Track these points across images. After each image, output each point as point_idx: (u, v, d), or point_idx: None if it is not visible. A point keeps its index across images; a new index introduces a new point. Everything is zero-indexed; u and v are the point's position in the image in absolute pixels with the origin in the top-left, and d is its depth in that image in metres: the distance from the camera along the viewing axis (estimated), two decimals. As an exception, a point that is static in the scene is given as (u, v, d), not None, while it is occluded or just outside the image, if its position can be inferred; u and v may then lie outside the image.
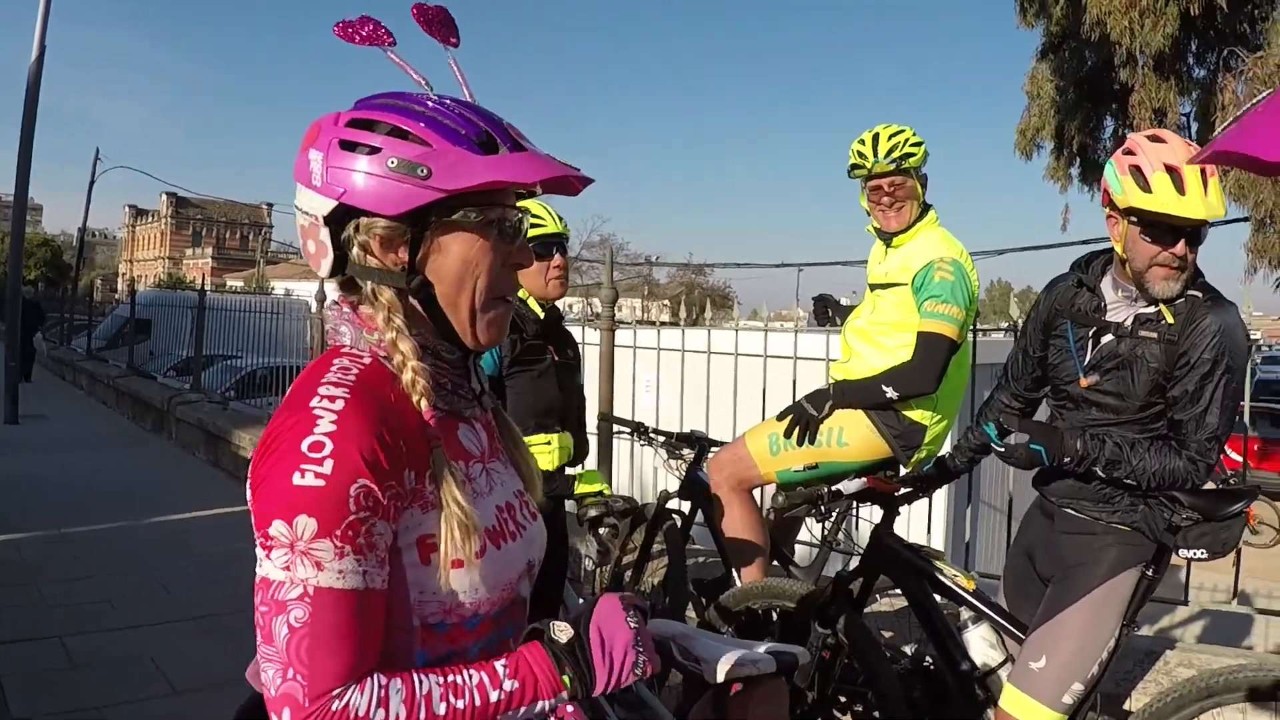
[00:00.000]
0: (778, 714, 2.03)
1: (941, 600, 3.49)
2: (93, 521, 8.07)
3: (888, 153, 3.92)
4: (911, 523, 4.99)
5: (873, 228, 4.17)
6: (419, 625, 1.49)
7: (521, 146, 1.51)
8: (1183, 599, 4.56)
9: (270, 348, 12.69)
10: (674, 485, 4.64)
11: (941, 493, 5.04)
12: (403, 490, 1.43)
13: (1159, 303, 2.94)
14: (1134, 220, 2.90)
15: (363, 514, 1.37)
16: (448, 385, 1.58)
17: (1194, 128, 17.22)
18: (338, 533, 1.35)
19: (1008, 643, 3.37)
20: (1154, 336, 2.93)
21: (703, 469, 4.46)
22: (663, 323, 6.80)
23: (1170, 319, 2.92)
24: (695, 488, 4.48)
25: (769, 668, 1.96)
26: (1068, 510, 3.17)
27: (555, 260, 3.56)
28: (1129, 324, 2.99)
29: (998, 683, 3.30)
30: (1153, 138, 2.89)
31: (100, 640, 5.41)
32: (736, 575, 4.20)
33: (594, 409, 5.07)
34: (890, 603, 4.64)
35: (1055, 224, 20.25)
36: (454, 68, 1.61)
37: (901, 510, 3.66)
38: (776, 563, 4.47)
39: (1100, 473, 2.95)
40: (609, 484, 4.16)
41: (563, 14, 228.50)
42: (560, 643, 1.52)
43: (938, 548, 4.24)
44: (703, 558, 5.37)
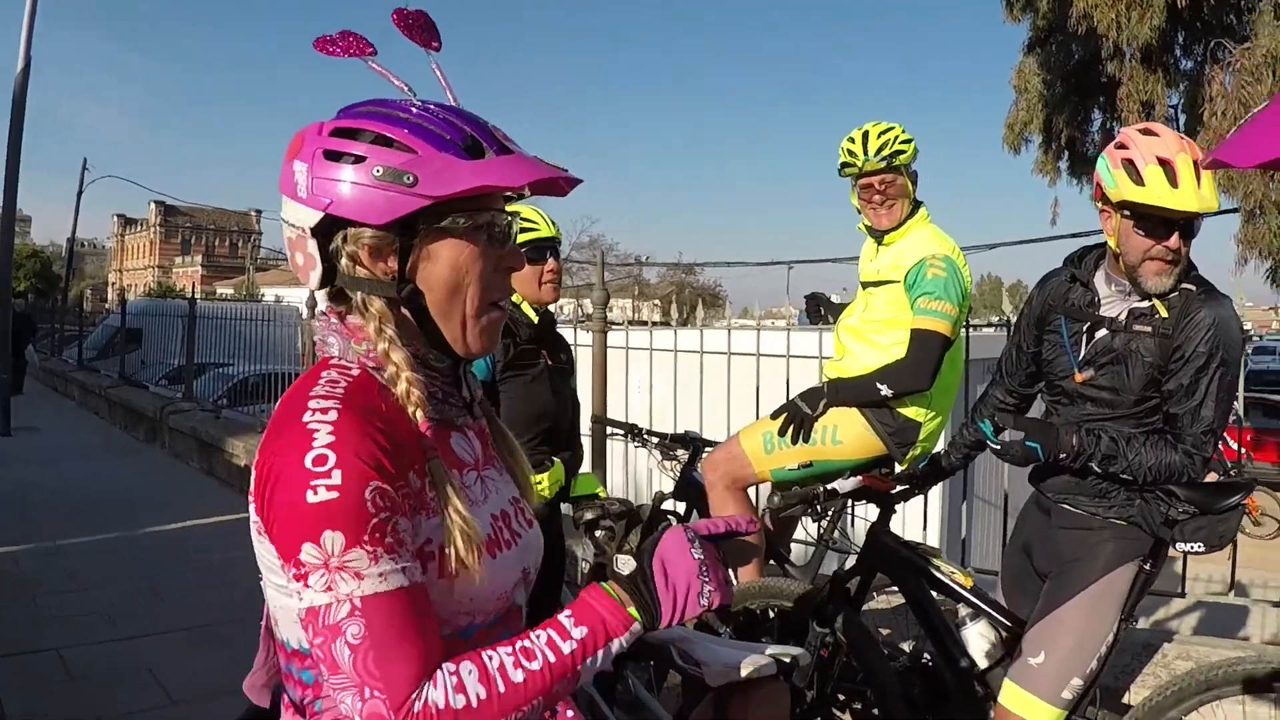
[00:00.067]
0: (778, 716, 2.02)
1: (939, 597, 3.49)
2: (88, 532, 8.03)
3: (878, 150, 3.91)
4: (907, 520, 4.99)
5: (864, 225, 4.16)
6: None
7: (508, 149, 1.49)
8: (1179, 591, 4.56)
9: (262, 355, 12.65)
10: (669, 486, 4.63)
11: (937, 489, 5.04)
12: (410, 491, 1.41)
13: (1153, 297, 2.94)
14: (1127, 214, 2.89)
15: (383, 514, 1.36)
16: (439, 394, 1.56)
17: (1182, 120, 17.26)
18: (366, 538, 1.33)
19: (1006, 639, 3.37)
20: (1148, 331, 2.93)
21: (697, 469, 4.45)
22: (655, 323, 6.78)
23: (1164, 313, 2.92)
24: (690, 488, 4.47)
25: (769, 670, 1.95)
26: (1064, 506, 3.16)
27: (549, 264, 3.55)
28: (1123, 318, 2.99)
29: (997, 679, 3.29)
30: (1145, 131, 2.89)
31: (97, 651, 5.39)
32: (733, 575, 4.19)
33: (587, 411, 5.06)
34: (887, 600, 4.63)
35: (1045, 218, 20.34)
36: (437, 72, 1.59)
37: (897, 508, 3.66)
38: (773, 562, 4.47)
39: (1096, 468, 2.94)
40: (604, 486, 4.15)
41: (555, 14, 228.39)
42: (622, 575, 1.51)
43: (933, 544, 4.24)
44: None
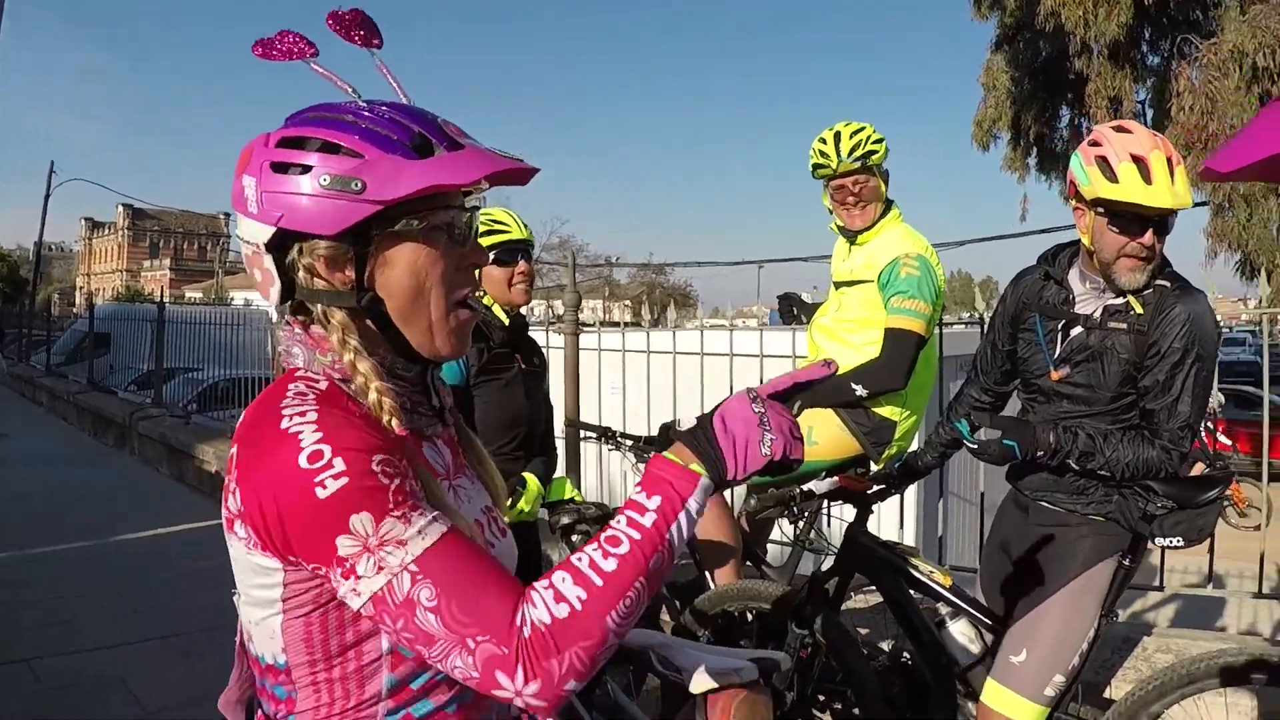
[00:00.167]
0: (760, 721, 2.00)
1: (918, 596, 3.48)
2: (57, 540, 7.95)
3: (851, 151, 3.90)
4: (883, 519, 4.99)
5: (836, 226, 4.15)
6: (388, 649, 1.44)
7: (459, 145, 1.44)
8: (1158, 584, 4.57)
9: (231, 359, 12.57)
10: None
11: (912, 488, 5.05)
12: (407, 470, 1.39)
13: (1127, 293, 2.93)
14: (1101, 211, 2.89)
15: (396, 479, 1.33)
16: (407, 404, 1.52)
17: (1149, 115, 17.40)
18: (391, 506, 1.31)
19: (986, 637, 3.36)
20: (1123, 327, 2.93)
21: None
22: (627, 324, 6.76)
23: (1139, 309, 2.92)
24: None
25: (750, 675, 1.93)
26: (1042, 503, 3.16)
27: (520, 266, 3.52)
28: (1098, 315, 2.99)
29: (977, 677, 3.29)
30: (1118, 128, 2.89)
31: (69, 662, 5.33)
32: (710, 578, 4.17)
33: (560, 414, 5.03)
34: (865, 599, 4.63)
35: (1014, 214, 20.50)
36: (383, 69, 1.55)
37: (874, 508, 3.65)
38: (750, 563, 4.45)
39: (1074, 465, 2.94)
40: (579, 490, 4.13)
41: (525, 14, 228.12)
42: (681, 430, 1.47)
43: (910, 543, 4.23)
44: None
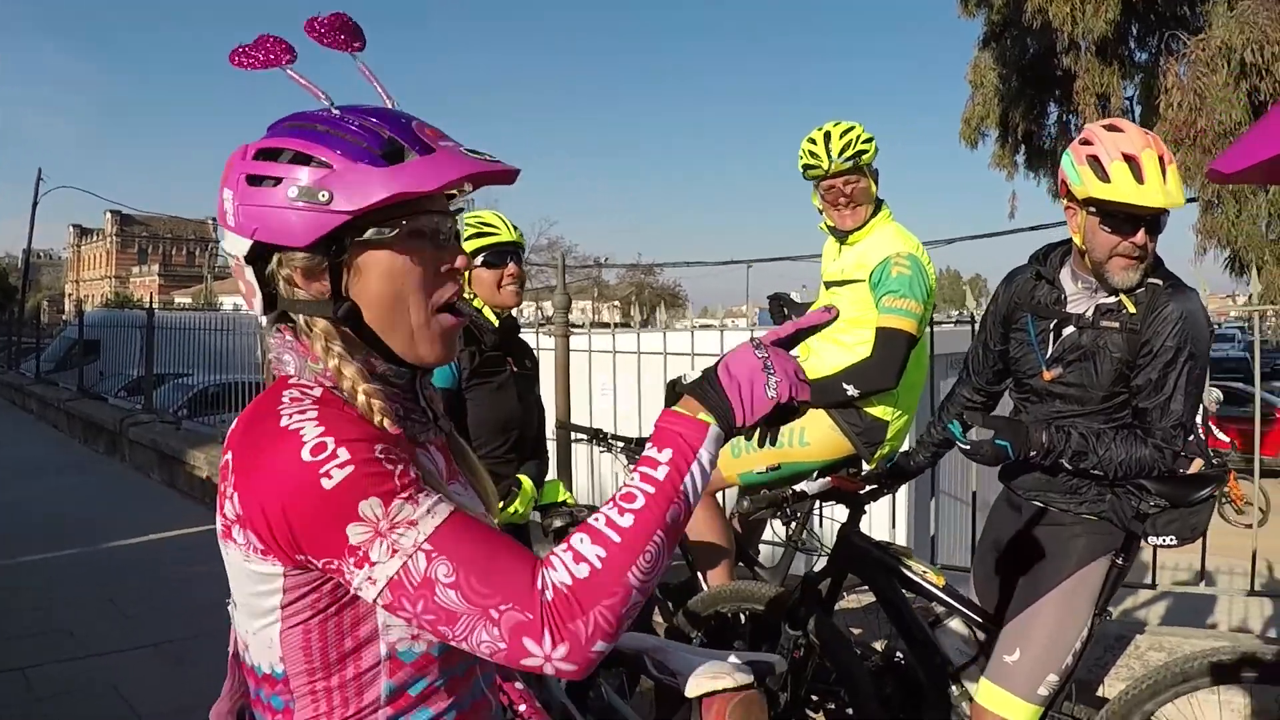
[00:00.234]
0: (755, 725, 2.00)
1: (911, 596, 3.48)
2: (49, 548, 7.91)
3: (841, 151, 3.89)
4: (875, 518, 4.98)
5: (826, 225, 4.14)
6: (386, 655, 1.43)
7: (431, 148, 1.43)
8: (1149, 581, 4.58)
9: (222, 364, 12.54)
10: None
11: (904, 487, 5.04)
12: (409, 458, 1.38)
13: (1120, 292, 2.93)
14: (1093, 210, 2.89)
15: (400, 464, 1.33)
16: (400, 411, 1.51)
17: (1138, 111, 17.45)
18: (398, 489, 1.30)
19: (980, 636, 3.36)
20: (1116, 326, 2.93)
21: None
22: (617, 324, 6.75)
23: (1132, 309, 2.92)
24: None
25: (745, 679, 1.93)
26: (1035, 503, 3.16)
27: (509, 268, 3.51)
28: (1090, 315, 2.99)
29: (971, 677, 3.29)
30: (1110, 127, 2.89)
31: (62, 670, 5.31)
32: (702, 579, 4.17)
33: (551, 417, 5.02)
34: (858, 599, 4.62)
35: (1002, 211, 20.54)
36: (364, 72, 1.54)
37: (866, 508, 3.64)
38: (742, 564, 4.45)
39: (1067, 465, 2.94)
40: (570, 493, 4.12)
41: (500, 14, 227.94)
42: (687, 383, 1.47)
43: (902, 543, 4.23)
44: (668, 562, 5.33)
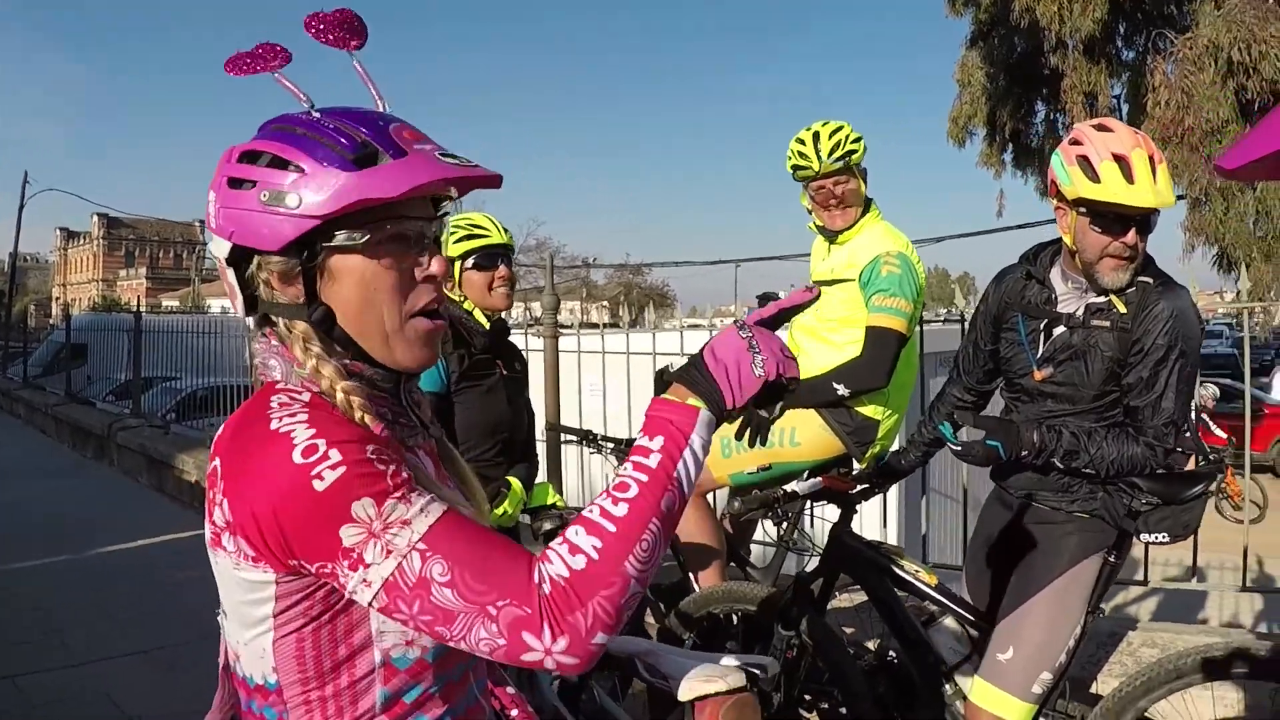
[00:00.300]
0: (749, 728, 1.98)
1: (903, 595, 3.48)
2: (38, 555, 7.88)
3: (831, 152, 3.87)
4: (865, 517, 4.99)
5: (815, 225, 4.13)
6: (380, 662, 1.42)
7: (405, 152, 1.41)
8: (1141, 578, 4.59)
9: (210, 367, 12.52)
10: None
11: (894, 485, 5.05)
12: (400, 459, 1.37)
13: (1110, 292, 2.93)
14: (1083, 211, 2.88)
15: (392, 465, 1.32)
16: (388, 415, 1.50)
17: (1125, 110, 17.48)
18: (391, 489, 1.30)
19: (973, 634, 3.36)
20: (1106, 325, 2.92)
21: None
22: (606, 325, 6.75)
23: (1122, 309, 2.91)
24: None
25: (738, 682, 1.92)
26: (1027, 501, 3.16)
27: (500, 271, 3.49)
28: (1081, 314, 2.98)
29: (965, 675, 3.29)
30: (1099, 126, 2.88)
31: (54, 678, 5.28)
32: (694, 580, 4.16)
33: (540, 418, 5.01)
34: (850, 598, 4.62)
35: (990, 210, 20.58)
36: (358, 70, 1.53)
37: (857, 507, 3.64)
38: (733, 564, 4.44)
39: (1059, 464, 2.94)
40: (560, 495, 4.11)
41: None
42: (674, 371, 1.47)
43: (893, 541, 4.23)
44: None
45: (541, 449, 4.67)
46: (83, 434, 13.97)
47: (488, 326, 3.53)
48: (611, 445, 4.67)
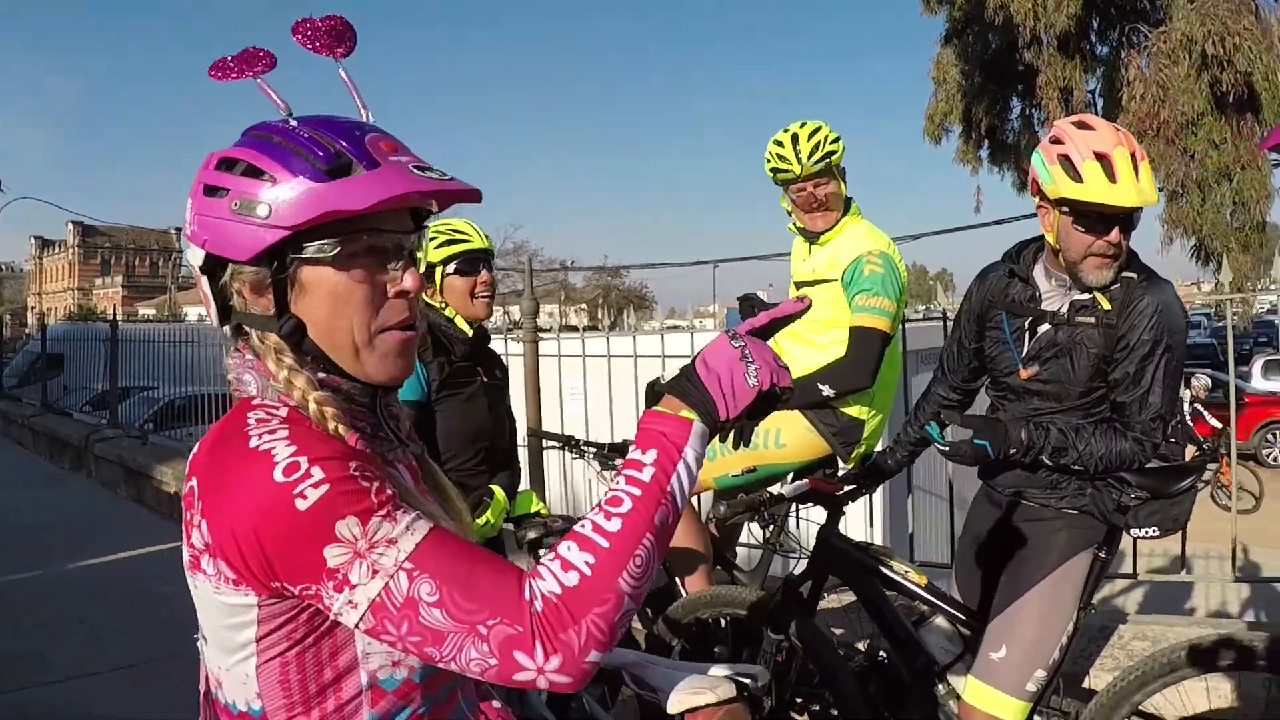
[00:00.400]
0: (741, 738, 1.96)
1: (893, 595, 3.46)
2: (15, 568, 7.75)
3: (810, 153, 3.86)
4: (851, 517, 4.97)
5: (795, 226, 4.12)
6: (367, 684, 1.40)
7: (379, 163, 1.38)
8: (1130, 570, 4.59)
9: (187, 376, 12.43)
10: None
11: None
12: (384, 475, 1.35)
13: (1094, 290, 2.91)
14: (1065, 210, 2.86)
15: (376, 482, 1.30)
16: (367, 429, 1.48)
17: (1100, 104, 17.58)
18: (376, 507, 1.27)
19: (964, 634, 3.35)
20: (1091, 321, 2.91)
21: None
22: (585, 328, 6.73)
23: (1107, 305, 2.90)
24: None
25: (728, 693, 1.90)
26: (1016, 499, 3.15)
27: (481, 277, 3.45)
28: (1065, 311, 2.97)
29: (958, 675, 3.27)
30: (1080, 124, 2.86)
31: (32, 696, 5.20)
32: (680, 585, 4.13)
33: (521, 424, 4.98)
34: (838, 599, 4.61)
35: (968, 206, 20.69)
36: (344, 77, 1.51)
37: (844, 509, 3.62)
38: (720, 568, 4.41)
39: (1047, 461, 2.93)
40: (543, 502, 4.08)
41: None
42: (666, 382, 1.44)
43: (879, 540, 4.21)
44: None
45: (523, 455, 4.63)
46: (60, 445, 13.86)
47: (470, 334, 3.49)
48: (594, 450, 4.64)
